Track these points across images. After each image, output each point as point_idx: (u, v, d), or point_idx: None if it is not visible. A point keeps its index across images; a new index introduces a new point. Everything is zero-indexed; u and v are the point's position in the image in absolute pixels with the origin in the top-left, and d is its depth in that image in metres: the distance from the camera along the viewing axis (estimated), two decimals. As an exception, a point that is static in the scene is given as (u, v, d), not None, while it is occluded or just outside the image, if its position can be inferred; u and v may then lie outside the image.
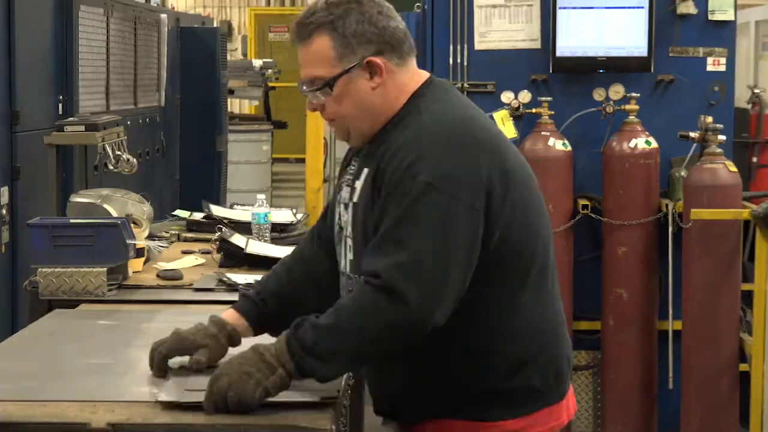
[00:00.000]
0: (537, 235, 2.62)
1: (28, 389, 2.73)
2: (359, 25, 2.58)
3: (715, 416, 5.84)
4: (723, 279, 5.82)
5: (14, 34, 5.96)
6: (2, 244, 5.92)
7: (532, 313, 2.60)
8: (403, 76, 2.65)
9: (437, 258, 2.43)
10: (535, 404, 2.61)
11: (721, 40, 6.33)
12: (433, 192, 2.45)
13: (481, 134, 2.60)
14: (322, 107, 2.66)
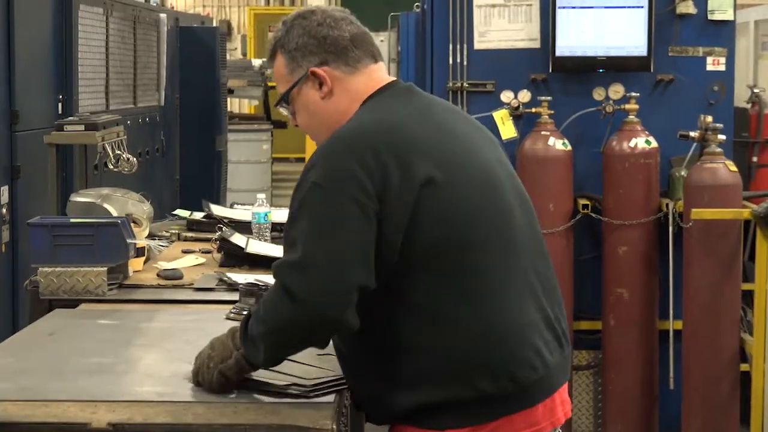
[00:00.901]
0: (461, 239, 2.56)
1: (29, 389, 2.74)
2: (300, 38, 2.69)
3: (716, 417, 5.84)
4: (724, 279, 5.82)
5: (14, 34, 5.96)
6: (2, 243, 5.93)
7: (471, 318, 2.54)
8: (355, 83, 2.72)
9: (327, 256, 2.45)
10: (492, 412, 2.55)
11: (720, 40, 6.33)
12: (319, 190, 2.50)
13: (391, 137, 2.57)
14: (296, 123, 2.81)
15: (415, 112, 2.69)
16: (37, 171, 5.97)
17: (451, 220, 2.55)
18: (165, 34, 8.95)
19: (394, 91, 2.74)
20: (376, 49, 2.79)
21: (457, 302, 2.54)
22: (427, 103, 2.78)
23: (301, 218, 2.51)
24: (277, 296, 2.49)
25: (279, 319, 2.49)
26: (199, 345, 3.17)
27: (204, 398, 2.65)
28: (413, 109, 2.70)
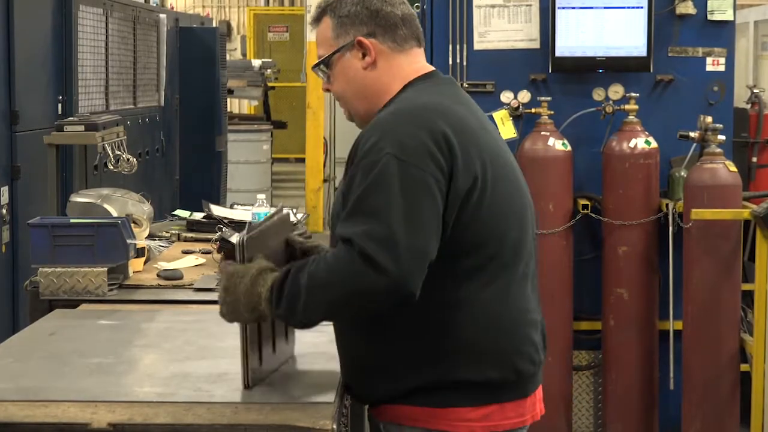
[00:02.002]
0: (500, 235, 2.64)
1: (29, 389, 2.74)
2: (353, 6, 2.72)
3: (717, 416, 5.84)
4: (723, 279, 5.82)
5: (13, 34, 5.97)
6: (2, 244, 5.93)
7: (485, 307, 2.62)
8: (399, 61, 2.77)
9: (409, 228, 2.48)
10: (492, 397, 2.63)
11: (720, 40, 6.33)
12: (397, 162, 2.51)
13: (457, 122, 2.64)
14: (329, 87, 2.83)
15: (466, 104, 2.78)
16: (37, 171, 5.97)
17: (495, 216, 2.62)
18: (165, 35, 8.95)
19: (442, 79, 2.83)
20: (421, 34, 2.84)
21: (481, 292, 2.61)
22: (468, 98, 2.86)
23: (382, 190, 2.51)
24: (355, 266, 2.46)
25: (357, 289, 2.48)
26: (199, 345, 3.18)
27: (204, 399, 2.65)
28: (464, 101, 2.79)
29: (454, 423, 2.60)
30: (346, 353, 2.75)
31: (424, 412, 2.61)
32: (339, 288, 2.50)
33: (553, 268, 6.03)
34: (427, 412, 2.61)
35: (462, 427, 2.60)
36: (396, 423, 2.65)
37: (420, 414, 2.61)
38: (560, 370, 6.10)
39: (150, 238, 4.74)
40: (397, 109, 2.66)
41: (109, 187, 5.27)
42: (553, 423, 6.10)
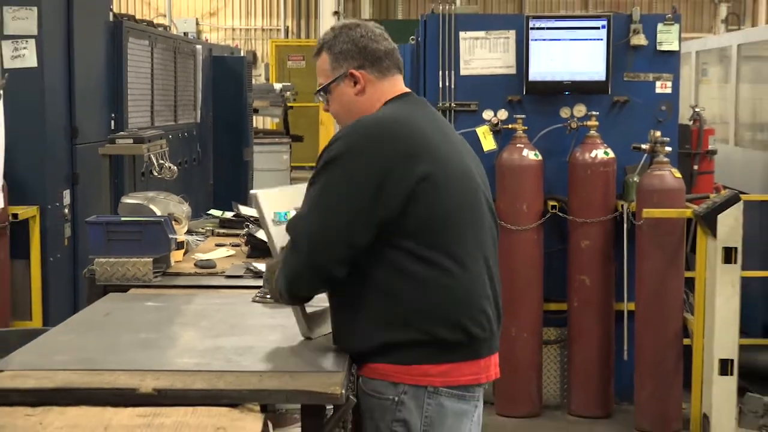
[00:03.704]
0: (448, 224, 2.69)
1: (87, 360, 2.74)
2: (345, 45, 2.82)
3: (664, 383, 5.85)
4: (669, 268, 5.82)
5: (74, 62, 5.98)
6: (65, 238, 5.94)
7: (441, 279, 2.67)
8: (383, 86, 2.85)
9: (323, 216, 2.63)
10: (450, 356, 2.69)
11: (667, 67, 6.34)
12: (332, 165, 2.65)
13: (403, 130, 2.70)
14: (327, 108, 2.93)
15: (425, 116, 2.85)
16: (93, 177, 5.99)
17: (440, 203, 2.67)
18: (201, 63, 8.97)
19: (411, 98, 2.90)
20: (401, 63, 2.92)
21: (432, 266, 2.65)
22: (434, 112, 2.97)
23: (314, 186, 2.67)
24: (287, 246, 2.71)
25: (289, 266, 2.69)
26: (229, 323, 3.19)
27: (233, 368, 2.65)
28: (424, 113, 2.87)
29: (417, 378, 2.66)
30: (334, 319, 2.83)
31: (393, 369, 2.67)
32: (284, 270, 2.70)
33: (526, 259, 6.04)
34: (395, 369, 2.67)
35: (424, 380, 2.67)
36: (370, 377, 2.71)
37: (389, 370, 2.67)
38: (532, 344, 6.11)
39: (188, 233, 4.74)
40: (357, 121, 2.75)
41: (153, 190, 5.27)
42: (526, 389, 6.11)
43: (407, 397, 2.67)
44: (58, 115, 5.87)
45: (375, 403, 2.70)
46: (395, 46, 2.92)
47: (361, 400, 2.72)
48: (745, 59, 7.84)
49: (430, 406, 2.68)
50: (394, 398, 2.68)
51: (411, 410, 2.67)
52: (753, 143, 7.58)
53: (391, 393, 2.68)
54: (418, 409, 2.67)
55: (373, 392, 2.70)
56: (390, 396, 2.68)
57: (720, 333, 5.56)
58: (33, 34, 5.59)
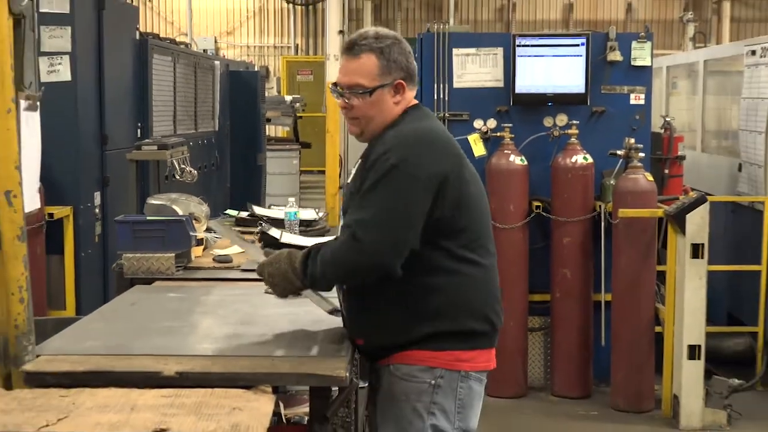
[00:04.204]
0: (479, 224, 2.72)
1: (115, 346, 2.74)
2: (399, 55, 2.75)
3: (637, 366, 5.84)
4: (643, 262, 5.82)
5: (104, 76, 5.98)
6: (96, 235, 5.94)
7: (489, 282, 2.72)
8: (408, 96, 2.80)
9: (391, 219, 2.57)
10: (476, 343, 2.69)
11: (640, 81, 6.34)
12: (396, 171, 2.58)
13: (446, 142, 2.74)
14: (351, 107, 2.75)
15: (441, 125, 2.93)
16: (122, 181, 5.99)
17: (477, 205, 2.71)
18: (218, 77, 8.97)
19: (424, 109, 2.88)
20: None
21: (468, 263, 2.67)
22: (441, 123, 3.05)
23: (378, 189, 2.60)
24: (347, 244, 2.60)
25: (349, 261, 2.61)
26: (245, 312, 3.18)
27: (249, 353, 2.65)
28: (440, 123, 2.93)
29: (451, 362, 2.65)
30: (368, 316, 2.74)
31: (429, 354, 2.64)
32: (339, 264, 2.64)
33: (513, 254, 6.03)
34: (431, 354, 2.64)
35: (457, 365, 2.65)
36: (405, 363, 2.66)
37: (426, 356, 2.64)
38: (518, 331, 6.11)
39: (207, 231, 4.73)
40: (410, 131, 2.70)
41: (176, 192, 5.26)
42: (514, 372, 6.10)
43: (443, 380, 2.65)
44: (89, 124, 5.87)
45: (412, 386, 2.66)
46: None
47: (394, 386, 2.68)
48: (710, 74, 7.84)
49: (462, 389, 2.68)
50: (431, 381, 2.65)
51: (447, 393, 2.66)
52: (718, 149, 7.58)
53: (428, 377, 2.65)
54: (452, 392, 2.67)
55: (409, 377, 2.66)
56: (427, 380, 2.65)
57: (688, 321, 5.56)
58: (67, 51, 5.60)
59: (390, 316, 2.68)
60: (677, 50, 14.88)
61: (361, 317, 2.76)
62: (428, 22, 11.22)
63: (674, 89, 8.93)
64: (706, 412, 5.58)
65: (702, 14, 17.57)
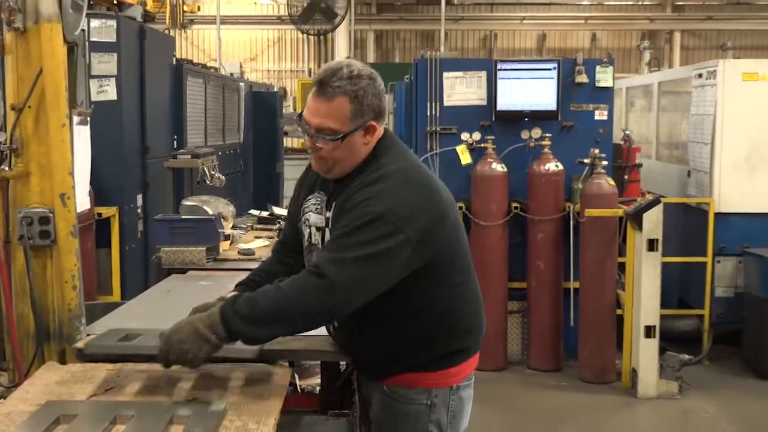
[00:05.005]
0: (462, 249, 2.36)
1: (155, 326, 2.73)
2: (373, 98, 2.26)
3: (601, 344, 5.83)
4: (606, 254, 5.81)
5: (145, 96, 5.98)
6: (138, 232, 5.94)
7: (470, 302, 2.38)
8: (379, 132, 2.32)
9: (364, 270, 2.13)
10: (465, 356, 2.39)
11: (603, 99, 6.33)
12: (383, 221, 2.13)
13: (426, 185, 2.28)
14: (319, 148, 2.27)
15: (412, 152, 2.44)
16: (160, 185, 5.98)
17: (461, 235, 2.35)
18: (243, 96, 8.96)
19: (393, 139, 2.38)
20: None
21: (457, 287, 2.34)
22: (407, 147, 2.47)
23: (358, 234, 2.14)
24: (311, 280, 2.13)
25: (309, 302, 2.13)
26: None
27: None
28: (408, 149, 2.43)
29: (443, 381, 2.35)
30: (369, 346, 2.35)
31: (421, 377, 2.33)
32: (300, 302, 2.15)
33: (494, 248, 6.02)
34: (423, 377, 2.33)
35: (447, 382, 2.36)
36: (400, 386, 2.34)
37: (417, 378, 2.33)
38: (499, 314, 6.10)
39: (233, 228, 4.73)
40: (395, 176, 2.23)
41: (206, 195, 5.26)
42: (495, 350, 6.10)
43: (438, 399, 2.35)
44: (133, 136, 5.86)
45: (411, 409, 2.34)
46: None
47: (390, 407, 2.35)
48: (663, 93, 7.83)
49: (453, 402, 2.38)
50: (427, 402, 2.34)
51: (440, 409, 2.36)
52: (669, 158, 7.57)
53: (425, 398, 2.33)
54: (445, 406, 2.36)
55: (406, 399, 2.34)
56: (424, 401, 2.33)
57: (645, 305, 5.56)
58: (114, 74, 5.59)
59: (384, 347, 2.33)
60: (635, 74, 14.84)
61: (354, 347, 2.41)
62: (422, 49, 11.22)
63: (632, 107, 8.92)
64: (661, 383, 5.58)
65: (656, 43, 17.56)
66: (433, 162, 6.29)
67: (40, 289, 2.64)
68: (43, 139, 2.61)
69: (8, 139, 2.60)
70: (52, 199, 2.64)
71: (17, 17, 2.55)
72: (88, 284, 5.49)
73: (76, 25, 2.69)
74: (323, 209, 2.34)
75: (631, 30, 18.06)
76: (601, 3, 17.98)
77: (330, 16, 10.35)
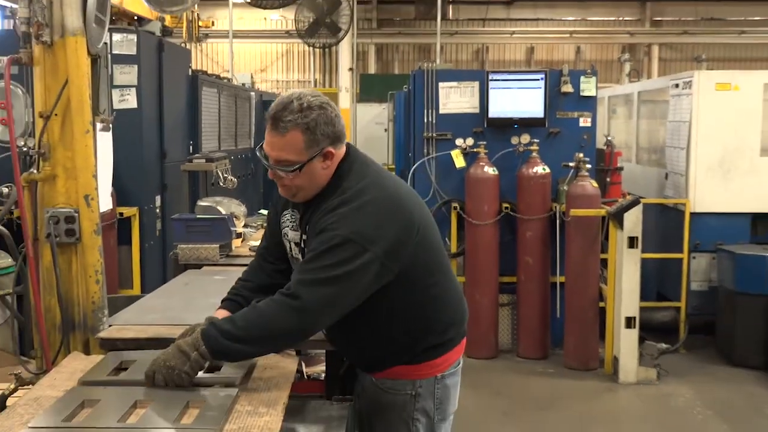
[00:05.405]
0: (437, 248, 2.31)
1: (172, 317, 2.73)
2: (326, 126, 2.17)
3: (585, 334, 5.83)
4: (589, 251, 5.81)
5: (163, 104, 5.97)
6: (157, 230, 5.93)
7: (448, 296, 2.34)
8: (339, 155, 2.24)
9: (334, 290, 2.08)
10: (448, 346, 2.36)
11: (587, 107, 6.32)
12: (349, 243, 2.08)
13: (391, 202, 2.19)
14: (281, 177, 2.23)
15: (375, 164, 2.34)
16: (177, 187, 5.97)
17: (433, 238, 2.30)
18: (254, 105, 8.96)
19: (355, 156, 2.29)
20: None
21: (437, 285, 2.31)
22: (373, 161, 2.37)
23: (329, 257, 2.09)
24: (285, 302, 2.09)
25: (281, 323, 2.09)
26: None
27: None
28: (373, 161, 2.34)
29: (427, 372, 2.33)
30: (355, 348, 2.36)
31: (407, 369, 2.32)
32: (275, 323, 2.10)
33: (486, 246, 6.02)
34: (408, 369, 2.32)
35: (432, 372, 2.34)
36: (387, 378, 2.33)
37: (404, 370, 2.32)
38: (490, 306, 6.10)
39: (245, 226, 4.73)
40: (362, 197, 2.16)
41: (220, 196, 5.25)
42: (487, 339, 6.10)
43: (422, 389, 2.33)
44: (152, 142, 5.85)
45: (396, 398, 2.33)
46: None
47: (378, 396, 2.35)
48: (642, 102, 7.82)
49: (439, 390, 2.35)
50: (412, 393, 2.32)
51: (426, 398, 2.34)
52: (649, 162, 7.56)
53: (409, 389, 2.32)
54: (430, 395, 2.35)
55: (393, 390, 2.33)
56: (408, 391, 2.32)
57: (625, 298, 5.55)
58: (134, 84, 5.59)
59: (368, 350, 2.32)
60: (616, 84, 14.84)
61: (342, 348, 2.42)
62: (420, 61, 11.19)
63: (614, 114, 8.91)
64: (640, 370, 5.58)
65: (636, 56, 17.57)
66: (429, 165, 6.29)
67: (65, 283, 2.64)
68: (69, 144, 2.62)
69: (36, 145, 2.61)
70: (77, 200, 2.64)
71: (45, 31, 2.56)
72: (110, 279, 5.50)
73: (99, 38, 2.69)
74: (298, 226, 2.32)
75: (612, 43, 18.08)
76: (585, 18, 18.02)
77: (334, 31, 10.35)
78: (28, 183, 2.62)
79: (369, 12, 17.76)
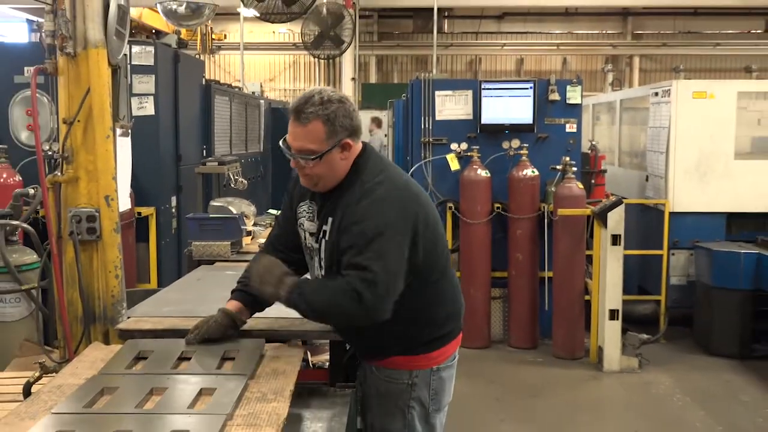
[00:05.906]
0: (443, 246, 2.34)
1: (187, 310, 2.72)
2: (344, 118, 2.23)
3: (571, 326, 5.83)
4: (575, 248, 5.80)
5: (179, 111, 5.97)
6: (172, 228, 5.93)
7: (447, 292, 2.36)
8: (356, 148, 2.30)
9: (387, 276, 2.12)
10: (446, 340, 2.38)
11: (573, 114, 6.31)
12: (383, 234, 2.13)
13: (409, 194, 2.27)
14: (303, 167, 2.29)
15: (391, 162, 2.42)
16: (191, 188, 5.97)
17: (440, 244, 2.33)
18: (263, 111, 8.95)
19: (372, 150, 2.36)
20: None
21: (440, 281, 2.33)
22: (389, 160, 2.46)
23: (374, 243, 2.12)
24: (347, 296, 2.11)
25: (346, 312, 2.14)
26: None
27: (284, 315, 2.62)
28: (387, 159, 2.44)
29: (424, 363, 2.35)
30: (359, 338, 2.38)
31: (405, 359, 2.34)
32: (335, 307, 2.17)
33: (479, 243, 6.01)
34: (406, 359, 2.34)
35: (429, 364, 2.35)
36: (385, 367, 2.36)
37: (402, 360, 2.34)
38: (483, 299, 6.09)
39: (254, 225, 4.72)
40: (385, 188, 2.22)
41: (231, 196, 5.24)
42: (480, 331, 6.09)
43: (418, 379, 2.34)
44: (168, 146, 5.85)
45: (393, 387, 2.35)
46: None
47: (377, 384, 2.37)
48: (624, 109, 7.82)
49: (434, 381, 2.36)
50: (408, 382, 2.34)
51: (421, 388, 2.35)
52: (630, 165, 7.56)
53: (406, 378, 2.34)
54: (426, 386, 2.35)
55: (390, 379, 2.35)
56: (405, 381, 2.34)
57: (609, 291, 5.54)
58: (152, 93, 5.59)
59: (371, 341, 2.34)
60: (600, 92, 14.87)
61: (347, 338, 2.44)
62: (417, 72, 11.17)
63: (598, 121, 8.91)
64: (623, 359, 5.57)
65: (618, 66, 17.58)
66: (426, 168, 6.28)
67: (87, 278, 2.64)
68: (90, 148, 2.61)
69: (60, 149, 2.61)
70: (98, 200, 2.63)
71: (68, 44, 2.56)
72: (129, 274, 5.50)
73: (119, 50, 2.69)
74: (315, 217, 2.34)
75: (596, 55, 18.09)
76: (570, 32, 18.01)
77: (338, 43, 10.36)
78: (53, 184, 2.62)
79: (370, 26, 17.78)
